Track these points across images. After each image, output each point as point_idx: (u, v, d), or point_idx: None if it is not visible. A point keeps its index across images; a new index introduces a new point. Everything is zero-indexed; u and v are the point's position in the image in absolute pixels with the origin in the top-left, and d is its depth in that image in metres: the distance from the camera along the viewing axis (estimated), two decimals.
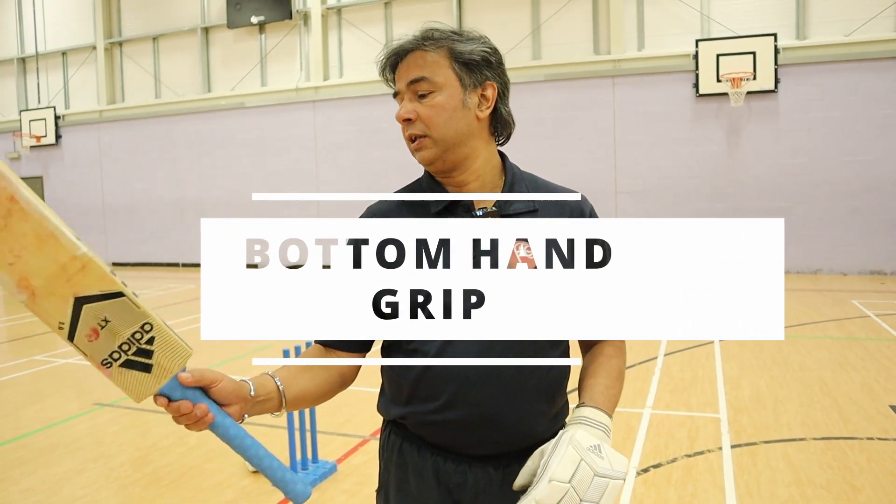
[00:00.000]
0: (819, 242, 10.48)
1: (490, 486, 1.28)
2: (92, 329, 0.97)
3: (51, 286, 0.94)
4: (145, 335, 1.00)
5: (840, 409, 4.21)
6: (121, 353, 0.99)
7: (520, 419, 1.25)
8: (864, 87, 10.16)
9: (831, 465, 3.39)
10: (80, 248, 0.95)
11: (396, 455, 1.34)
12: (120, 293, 0.98)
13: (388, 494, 1.38)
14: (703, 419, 4.12)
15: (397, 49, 1.28)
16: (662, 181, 11.14)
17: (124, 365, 1.00)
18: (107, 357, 0.99)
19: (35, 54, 16.00)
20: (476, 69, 1.26)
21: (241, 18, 13.74)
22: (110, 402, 4.80)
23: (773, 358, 5.52)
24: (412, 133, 1.27)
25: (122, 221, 15.42)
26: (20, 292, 0.93)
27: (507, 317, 1.23)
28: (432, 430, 1.28)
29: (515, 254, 1.25)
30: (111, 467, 3.63)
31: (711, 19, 11.04)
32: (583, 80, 11.51)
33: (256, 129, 13.87)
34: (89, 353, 0.98)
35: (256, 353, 6.25)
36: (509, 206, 1.28)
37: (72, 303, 0.95)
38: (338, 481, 3.39)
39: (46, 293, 0.94)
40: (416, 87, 1.25)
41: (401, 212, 1.32)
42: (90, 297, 0.96)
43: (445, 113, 1.25)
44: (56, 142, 15.80)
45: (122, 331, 0.98)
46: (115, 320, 0.98)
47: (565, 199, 1.33)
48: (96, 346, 0.97)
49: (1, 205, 0.89)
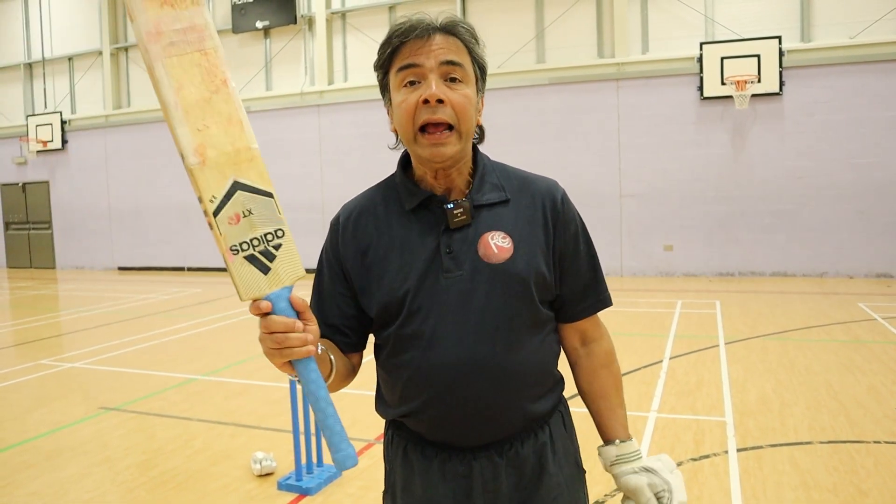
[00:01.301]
0: (825, 245, 10.44)
1: (497, 474, 1.29)
2: (235, 213, 1.05)
3: (220, 162, 1.04)
4: (276, 239, 1.07)
5: (847, 413, 4.19)
6: (249, 246, 1.06)
7: (515, 405, 1.26)
8: (869, 90, 10.13)
9: (838, 468, 3.37)
10: (255, 144, 1.07)
11: (401, 456, 1.34)
12: (270, 194, 1.08)
13: (394, 495, 1.38)
14: (708, 423, 4.11)
15: (431, 26, 1.20)
16: (667, 184, 11.12)
17: (248, 258, 1.06)
18: (236, 244, 1.05)
19: (41, 60, 16.10)
20: (484, 76, 1.28)
21: (245, 23, 13.80)
22: (116, 405, 4.81)
23: (778, 361, 5.50)
24: (439, 118, 1.19)
25: (127, 226, 15.47)
26: (195, 155, 1.03)
27: (488, 306, 1.23)
28: (430, 426, 1.28)
29: (490, 243, 1.24)
30: (117, 471, 3.64)
31: (716, 22, 11.03)
32: (587, 84, 11.51)
33: (261, 134, 13.84)
34: (224, 234, 1.05)
35: (260, 357, 6.26)
36: (481, 197, 1.27)
37: (230, 183, 1.05)
38: (343, 485, 3.38)
39: (213, 165, 1.04)
40: (450, 70, 1.20)
41: (376, 211, 1.31)
42: (246, 186, 1.06)
43: (472, 107, 1.23)
44: (62, 146, 15.88)
45: (259, 226, 1.06)
46: (256, 214, 1.06)
47: (536, 186, 1.32)
48: (232, 230, 1.05)
49: (214, 83, 1.04)
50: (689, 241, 11.06)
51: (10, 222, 17.02)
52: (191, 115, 1.03)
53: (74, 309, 9.80)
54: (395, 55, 1.22)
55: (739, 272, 10.93)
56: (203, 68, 1.04)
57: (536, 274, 1.26)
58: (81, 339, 7.45)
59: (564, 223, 1.31)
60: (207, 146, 1.04)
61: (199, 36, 1.04)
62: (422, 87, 1.19)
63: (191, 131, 1.03)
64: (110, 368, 5.98)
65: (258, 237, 1.06)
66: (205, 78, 1.04)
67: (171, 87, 1.02)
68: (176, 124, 1.03)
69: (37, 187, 16.50)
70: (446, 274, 1.23)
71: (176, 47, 1.02)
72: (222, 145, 1.05)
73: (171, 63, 1.02)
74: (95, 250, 15.91)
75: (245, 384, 5.33)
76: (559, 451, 1.34)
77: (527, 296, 1.25)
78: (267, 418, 4.45)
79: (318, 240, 9.53)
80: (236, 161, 1.05)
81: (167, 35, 1.02)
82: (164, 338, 7.31)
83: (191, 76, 1.03)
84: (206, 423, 4.36)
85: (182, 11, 1.03)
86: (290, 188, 13.68)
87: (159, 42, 1.01)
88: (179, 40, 1.02)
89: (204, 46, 1.04)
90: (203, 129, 1.04)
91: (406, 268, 1.25)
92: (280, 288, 1.07)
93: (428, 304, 1.23)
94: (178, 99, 1.02)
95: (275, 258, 1.07)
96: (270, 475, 3.50)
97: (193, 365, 6.00)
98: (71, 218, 16.14)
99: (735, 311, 7.80)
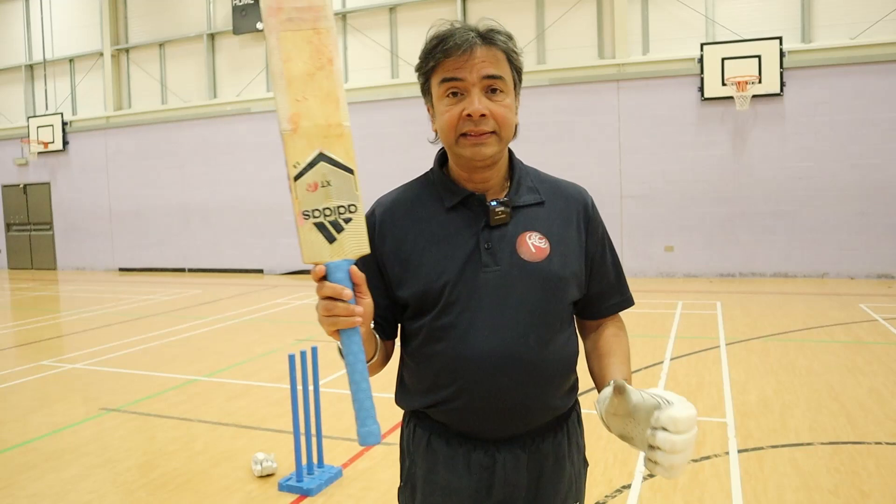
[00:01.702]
0: (826, 246, 10.44)
1: (518, 467, 1.33)
2: (314, 182, 1.13)
3: (310, 133, 1.13)
4: (347, 213, 1.15)
5: (848, 414, 4.19)
6: (321, 214, 1.14)
7: (541, 399, 1.32)
8: (870, 91, 10.13)
9: (839, 469, 3.37)
10: (347, 122, 1.16)
11: (424, 447, 1.38)
12: (351, 170, 1.16)
13: (414, 488, 1.40)
14: (709, 424, 4.11)
15: (473, 38, 1.25)
16: (668, 185, 11.12)
17: (317, 226, 1.13)
18: (309, 210, 1.13)
19: (43, 61, 16.12)
20: (520, 78, 1.34)
21: (246, 25, 13.81)
22: (117, 407, 4.82)
23: (779, 362, 5.49)
24: (482, 129, 1.26)
25: (128, 227, 15.48)
26: (288, 123, 1.12)
27: (523, 302, 1.29)
28: (458, 417, 1.32)
29: (528, 242, 1.31)
30: (117, 472, 3.64)
31: (716, 23, 11.03)
32: (588, 85, 11.51)
33: (262, 135, 13.91)
34: (300, 199, 1.13)
35: (261, 358, 6.27)
36: (519, 198, 1.35)
37: (315, 154, 1.13)
38: (343, 486, 3.38)
39: (304, 135, 1.13)
40: (492, 83, 1.26)
41: (413, 206, 1.36)
42: (329, 159, 1.14)
43: (511, 114, 1.30)
44: (63, 148, 15.89)
45: (334, 198, 1.14)
46: (334, 186, 1.14)
47: (568, 191, 1.41)
48: (309, 196, 1.13)
49: (321, 60, 1.14)
50: (690, 241, 11.06)
51: (11, 223, 17.04)
52: (292, 86, 1.12)
53: (75, 310, 9.81)
54: (437, 67, 1.28)
55: (740, 273, 10.92)
56: (313, 45, 1.13)
57: (570, 274, 1.34)
58: (82, 340, 7.45)
59: (594, 226, 1.40)
60: (302, 116, 1.13)
61: (316, 15, 1.14)
62: (465, 100, 1.26)
63: (289, 101, 1.12)
64: (111, 369, 5.98)
65: (331, 207, 1.14)
66: (313, 54, 1.13)
67: (279, 57, 1.12)
68: (277, 92, 1.12)
69: (38, 188, 16.52)
70: (485, 269, 1.29)
71: (293, 23, 1.12)
72: (316, 118, 1.13)
73: (285, 37, 1.12)
74: (96, 251, 15.92)
75: (246, 385, 5.33)
76: (573, 448, 1.41)
77: (560, 294, 1.33)
78: (268, 419, 4.45)
79: None
80: (326, 134, 1.14)
81: (286, 11, 1.12)
82: (164, 339, 7.31)
83: (300, 50, 1.13)
84: (206, 425, 4.36)
85: None
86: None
87: (278, 16, 1.12)
88: (297, 17, 1.12)
89: (318, 25, 1.14)
90: (301, 101, 1.13)
91: (445, 260, 1.30)
92: (341, 259, 1.14)
93: (465, 296, 1.28)
94: (284, 69, 1.12)
95: (342, 230, 1.14)
96: (271, 476, 3.50)
97: (194, 366, 6.00)
98: (72, 219, 16.16)
99: (736, 312, 7.79)
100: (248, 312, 8.97)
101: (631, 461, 3.55)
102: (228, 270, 14.41)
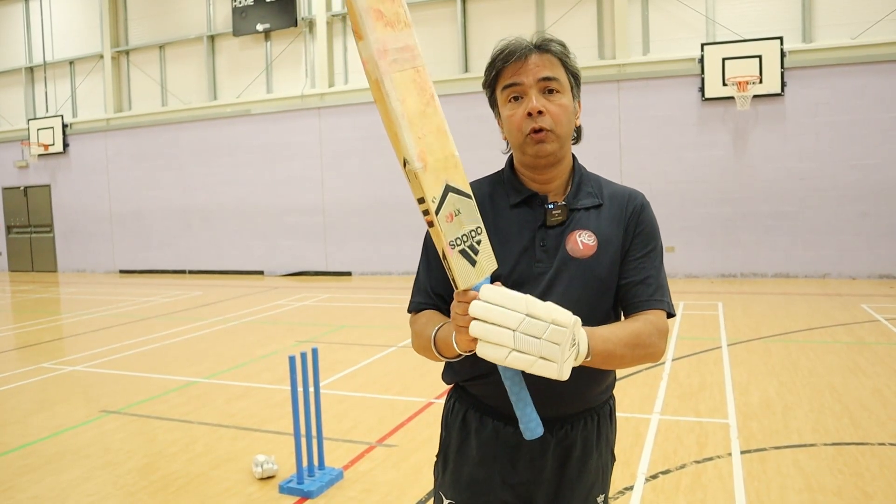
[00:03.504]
0: (827, 246, 10.42)
1: (545, 450, 1.43)
2: (450, 213, 1.19)
3: (436, 167, 1.18)
4: (477, 236, 1.23)
5: (850, 415, 4.17)
6: (461, 242, 1.21)
7: (572, 389, 1.36)
8: (871, 91, 10.11)
9: (843, 471, 3.36)
10: (457, 152, 1.22)
11: (460, 421, 1.51)
12: (470, 196, 1.23)
13: (447, 457, 1.53)
14: (711, 425, 4.09)
15: (527, 47, 1.38)
16: (669, 186, 11.11)
17: (461, 252, 1.20)
18: (453, 240, 1.19)
19: (43, 63, 16.12)
20: (578, 83, 1.45)
21: (246, 26, 13.81)
22: (117, 409, 4.80)
23: (781, 363, 5.48)
24: (540, 125, 1.37)
25: (128, 229, 15.48)
26: (419, 161, 1.16)
27: (567, 294, 1.38)
28: (491, 391, 1.41)
29: (577, 240, 1.41)
30: (118, 474, 3.63)
31: (717, 23, 11.02)
32: (588, 85, 11.40)
33: (262, 137, 13.91)
34: (444, 230, 1.18)
35: (261, 359, 6.25)
36: (577, 202, 1.45)
37: (444, 186, 1.19)
38: (344, 488, 3.37)
39: (432, 170, 1.18)
40: (547, 84, 1.38)
41: (482, 200, 1.46)
42: (455, 189, 1.21)
43: (567, 113, 1.41)
44: (63, 150, 15.89)
45: (466, 224, 1.22)
46: (463, 214, 1.21)
47: (624, 194, 1.50)
48: (450, 227, 1.19)
49: (425, 96, 1.19)
50: (691, 242, 11.04)
51: (11, 226, 17.03)
52: (414, 125, 1.16)
53: (76, 312, 9.80)
54: (499, 76, 1.42)
55: (741, 273, 10.91)
56: (417, 84, 1.18)
57: (614, 271, 1.42)
58: (83, 342, 7.44)
59: (638, 223, 1.47)
60: (427, 152, 1.17)
61: (412, 54, 1.18)
62: (525, 101, 1.39)
63: (414, 139, 1.16)
64: (112, 371, 5.97)
65: (466, 233, 1.21)
66: (419, 92, 1.18)
67: (398, 99, 1.15)
68: (403, 133, 1.15)
69: (38, 191, 16.52)
70: (537, 263, 1.41)
71: (398, 64, 1.16)
72: (436, 152, 1.19)
73: (396, 78, 1.15)
74: (97, 253, 15.91)
75: (246, 387, 5.32)
76: (602, 441, 1.49)
77: (603, 290, 1.42)
78: (268, 421, 4.44)
79: (320, 242, 9.63)
80: (446, 166, 1.20)
81: (391, 53, 1.15)
82: (165, 341, 7.30)
83: (409, 90, 1.17)
84: (207, 427, 4.35)
85: (399, 32, 1.17)
86: (290, 191, 13.68)
87: (386, 59, 1.14)
88: (399, 58, 1.16)
89: (416, 64, 1.18)
90: (422, 137, 1.17)
91: (504, 252, 1.40)
92: (483, 279, 1.23)
93: (516, 285, 1.35)
94: (404, 110, 1.15)
95: (478, 252, 1.23)
96: (272, 478, 3.49)
97: (195, 368, 5.99)
98: (72, 221, 16.15)
99: (737, 313, 7.78)
100: (249, 314, 8.96)
101: (633, 462, 3.53)
102: (229, 272, 14.40)
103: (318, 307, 9.58)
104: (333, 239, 13.38)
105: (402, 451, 3.84)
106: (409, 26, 1.18)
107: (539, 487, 1.44)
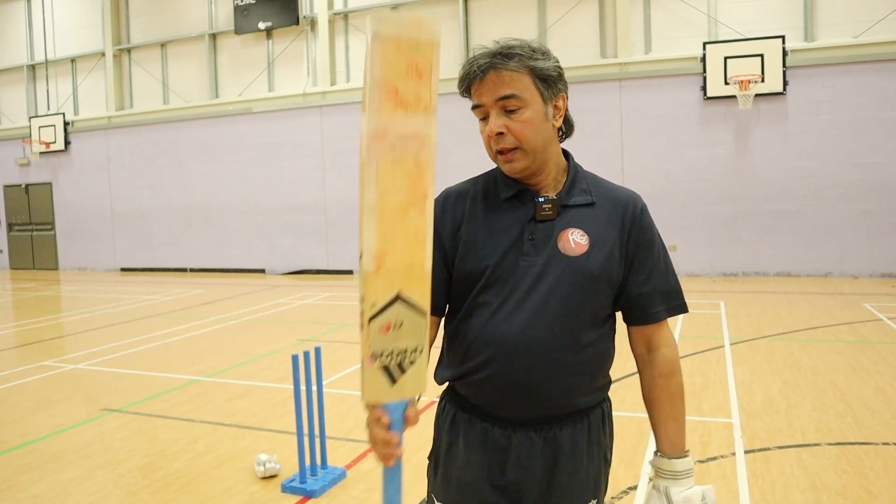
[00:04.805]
0: (829, 245, 10.40)
1: (532, 451, 1.41)
2: (388, 323, 1.08)
3: (392, 272, 1.06)
4: (414, 355, 1.11)
5: (854, 414, 4.16)
6: (389, 357, 1.09)
7: (559, 389, 1.38)
8: (873, 89, 10.09)
9: (847, 470, 3.34)
10: (429, 264, 1.10)
11: (449, 422, 1.49)
12: (425, 314, 1.11)
13: (438, 458, 1.52)
14: (715, 424, 4.08)
15: (483, 66, 1.34)
16: (670, 185, 11.09)
17: (383, 368, 1.09)
18: (378, 353, 1.08)
19: (44, 61, 16.11)
20: (552, 84, 1.39)
21: (248, 24, 13.80)
22: (118, 407, 4.80)
23: (784, 362, 5.46)
24: (503, 147, 1.37)
25: (130, 227, 15.48)
26: (373, 261, 1.05)
27: (553, 292, 1.37)
28: (479, 389, 1.41)
29: (569, 238, 1.39)
30: (119, 473, 3.62)
31: (719, 22, 11.00)
32: (590, 84, 11.48)
33: (264, 135, 13.91)
34: (370, 339, 1.07)
35: (263, 358, 6.25)
36: (569, 199, 1.43)
37: (393, 295, 1.07)
38: (347, 487, 3.36)
39: (387, 274, 1.06)
40: (506, 104, 1.35)
41: (475, 195, 1.47)
42: (406, 301, 1.08)
43: (533, 126, 1.36)
44: (65, 148, 15.89)
45: (404, 340, 1.09)
46: (405, 329, 1.09)
47: (620, 195, 1.47)
48: (380, 338, 1.07)
49: (415, 195, 1.07)
50: (693, 241, 11.03)
51: (13, 223, 17.04)
52: (384, 223, 1.04)
53: (77, 310, 9.80)
54: (469, 96, 1.40)
55: (743, 272, 10.89)
56: (411, 179, 1.06)
57: (606, 272, 1.40)
58: (84, 340, 7.44)
59: (639, 229, 1.44)
60: (388, 254, 1.05)
61: (420, 144, 1.06)
62: (489, 121, 1.37)
63: (378, 237, 1.04)
64: (113, 370, 5.96)
65: (400, 350, 1.09)
66: (409, 189, 1.06)
67: (375, 190, 1.03)
68: (367, 226, 1.04)
69: (39, 189, 16.52)
70: (524, 257, 1.39)
71: (395, 151, 1.04)
72: (400, 258, 1.06)
73: (384, 166, 1.03)
74: (98, 252, 15.92)
75: (248, 385, 5.31)
76: (593, 444, 1.47)
77: (592, 290, 1.39)
78: (270, 420, 4.43)
79: (321, 242, 9.61)
80: (408, 276, 1.08)
81: (390, 137, 1.04)
82: (166, 339, 7.30)
83: (396, 183, 1.05)
84: (209, 425, 4.34)
85: (413, 117, 1.05)
86: (292, 189, 13.67)
87: (381, 143, 1.03)
88: (400, 145, 1.04)
89: (420, 156, 1.06)
90: (389, 238, 1.05)
91: (492, 245, 1.40)
92: (399, 400, 1.12)
93: (503, 279, 1.38)
94: (378, 203, 1.04)
95: (405, 373, 1.11)
96: (274, 477, 3.48)
97: (196, 366, 5.98)
98: (73, 219, 16.16)
99: (739, 312, 7.77)
100: (250, 312, 8.96)
101: (636, 462, 3.52)
102: (230, 270, 14.40)
103: (320, 305, 9.58)
104: (335, 237, 13.37)
105: (404, 451, 3.83)
106: (429, 113, 1.06)
107: (528, 489, 1.42)
